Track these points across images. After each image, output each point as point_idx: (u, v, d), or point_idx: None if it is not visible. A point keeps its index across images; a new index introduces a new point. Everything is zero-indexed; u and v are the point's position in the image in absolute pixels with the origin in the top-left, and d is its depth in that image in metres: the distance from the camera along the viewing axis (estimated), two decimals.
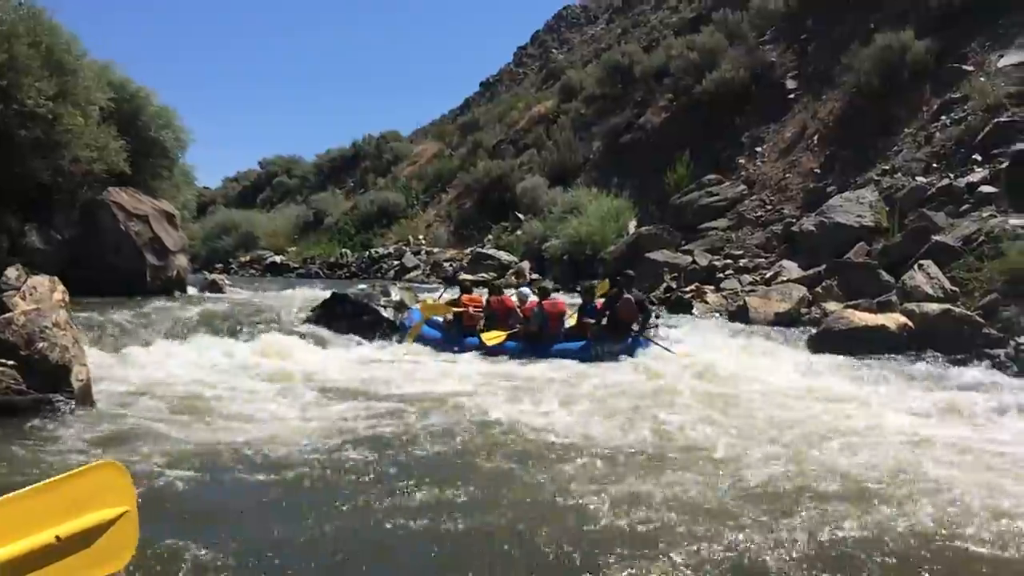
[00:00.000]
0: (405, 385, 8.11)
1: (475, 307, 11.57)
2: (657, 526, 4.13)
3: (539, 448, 5.68)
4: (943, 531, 4.11)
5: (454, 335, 11.28)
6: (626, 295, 10.98)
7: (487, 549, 3.87)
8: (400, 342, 11.22)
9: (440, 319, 11.81)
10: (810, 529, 4.10)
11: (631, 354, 10.37)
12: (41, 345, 6.09)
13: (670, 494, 4.59)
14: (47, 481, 2.02)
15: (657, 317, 12.19)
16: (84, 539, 2.01)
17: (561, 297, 12.91)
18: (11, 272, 12.53)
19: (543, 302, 11.15)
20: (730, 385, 8.27)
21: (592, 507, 4.38)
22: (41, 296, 10.38)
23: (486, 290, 12.22)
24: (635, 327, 10.87)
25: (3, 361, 5.93)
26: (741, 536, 4.00)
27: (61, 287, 11.04)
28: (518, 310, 11.41)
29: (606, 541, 3.92)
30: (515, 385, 8.23)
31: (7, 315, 6.36)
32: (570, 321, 11.36)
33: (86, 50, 15.02)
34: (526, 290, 12.16)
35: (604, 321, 10.94)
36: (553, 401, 7.29)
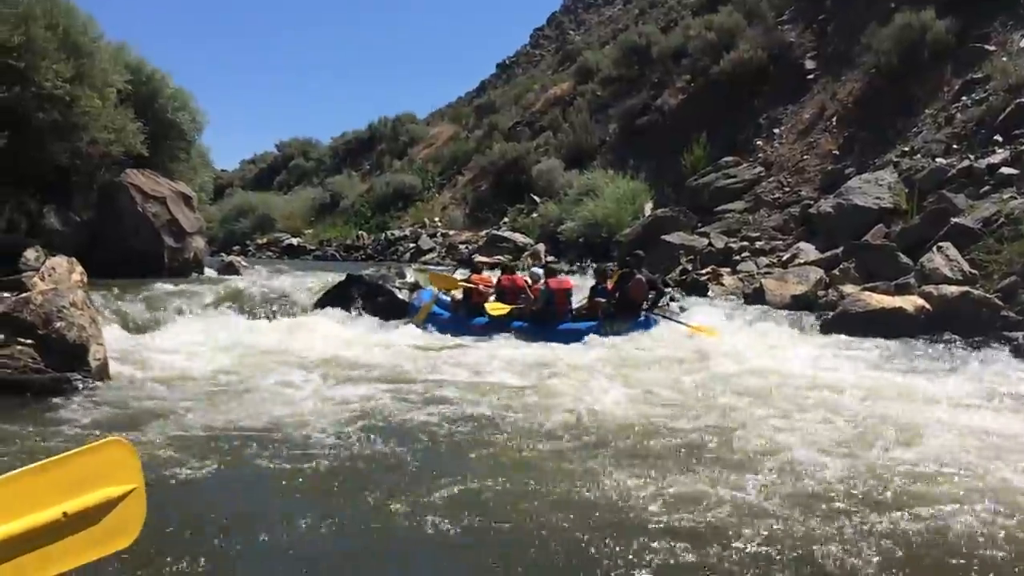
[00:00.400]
0: (416, 367, 8.10)
1: (485, 286, 11.56)
2: (695, 518, 3.96)
3: (557, 433, 5.58)
4: (1004, 528, 3.93)
5: (463, 314, 11.27)
6: (637, 275, 10.97)
7: (513, 539, 3.75)
8: (409, 323, 11.22)
9: (448, 299, 11.82)
10: (868, 526, 3.92)
11: (642, 332, 10.36)
12: (59, 325, 6.15)
13: (706, 487, 4.40)
14: (54, 458, 2.03)
15: (671, 300, 12.16)
16: (92, 516, 2.03)
17: (574, 280, 12.86)
18: (30, 253, 12.68)
19: (549, 280, 11.10)
20: (743, 364, 8.20)
21: (624, 497, 4.24)
22: (59, 277, 10.50)
23: (499, 271, 12.20)
24: (645, 306, 10.90)
25: (21, 340, 6.00)
26: (794, 530, 3.85)
27: (79, 268, 11.19)
28: (528, 289, 11.38)
29: (643, 533, 3.78)
30: (525, 366, 8.20)
31: (25, 295, 6.44)
32: (581, 302, 11.35)
33: (102, 32, 15.10)
34: (538, 271, 12.11)
35: (614, 301, 10.94)
36: (567, 382, 7.24)
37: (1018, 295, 10.62)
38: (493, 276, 12.22)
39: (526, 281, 11.54)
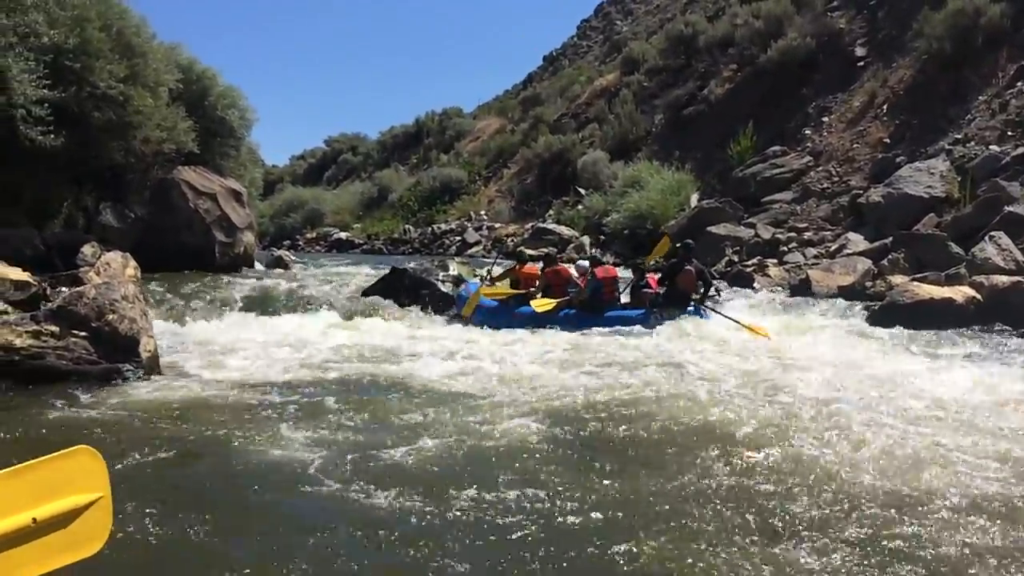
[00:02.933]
0: (464, 360, 8.10)
1: (532, 278, 11.57)
2: (768, 523, 3.81)
3: (615, 430, 5.40)
4: None
5: (510, 305, 11.27)
6: (687, 266, 10.85)
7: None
8: (457, 315, 11.28)
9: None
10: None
11: (691, 323, 10.16)
12: (111, 317, 6.36)
13: (777, 487, 4.25)
14: (22, 465, 2.07)
15: (718, 292, 12.02)
16: (60, 522, 2.06)
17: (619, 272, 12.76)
18: (87, 249, 13.07)
19: (595, 269, 11.02)
20: (797, 361, 7.95)
21: (685, 501, 4.09)
22: (114, 271, 10.83)
23: (541, 263, 12.20)
24: (695, 297, 10.74)
25: (75, 332, 6.22)
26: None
27: (133, 263, 11.52)
28: (576, 280, 11.29)
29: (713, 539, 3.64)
30: (580, 357, 8.12)
31: (79, 289, 6.67)
32: (624, 298, 11.27)
33: (155, 32, 15.46)
34: (584, 263, 12.08)
35: (662, 290, 10.82)
36: (619, 374, 7.13)
37: None
38: (537, 265, 12.21)
39: (571, 273, 11.53)
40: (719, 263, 16.64)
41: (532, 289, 11.34)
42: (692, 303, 10.68)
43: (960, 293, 10.71)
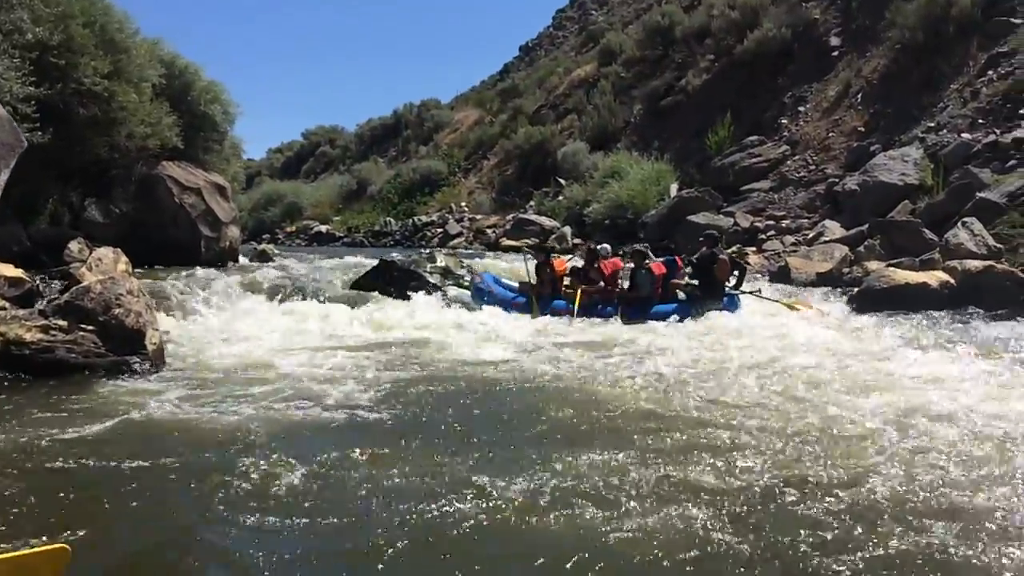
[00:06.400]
0: (480, 346, 8.34)
1: (561, 271, 11.57)
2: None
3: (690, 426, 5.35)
4: None
5: (547, 296, 11.27)
6: (721, 255, 11.03)
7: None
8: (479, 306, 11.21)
9: (511, 283, 11.98)
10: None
11: (731, 312, 10.42)
12: (117, 311, 6.52)
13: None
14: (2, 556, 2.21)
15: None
16: None
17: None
18: (73, 246, 13.10)
19: (651, 264, 11.08)
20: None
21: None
22: (106, 267, 10.88)
23: (578, 258, 12.07)
24: (729, 285, 10.91)
25: (83, 326, 6.37)
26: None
27: (124, 258, 11.55)
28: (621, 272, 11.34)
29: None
30: (646, 351, 8.22)
31: (85, 284, 6.80)
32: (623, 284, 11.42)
33: (138, 28, 15.45)
34: (607, 246, 12.19)
35: (696, 282, 10.99)
36: (677, 369, 7.19)
37: None
38: (563, 259, 12.28)
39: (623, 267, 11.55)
40: (699, 251, 16.93)
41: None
42: (727, 292, 10.84)
43: (934, 278, 11.08)
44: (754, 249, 16.32)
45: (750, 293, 11.03)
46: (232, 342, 8.11)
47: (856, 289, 11.78)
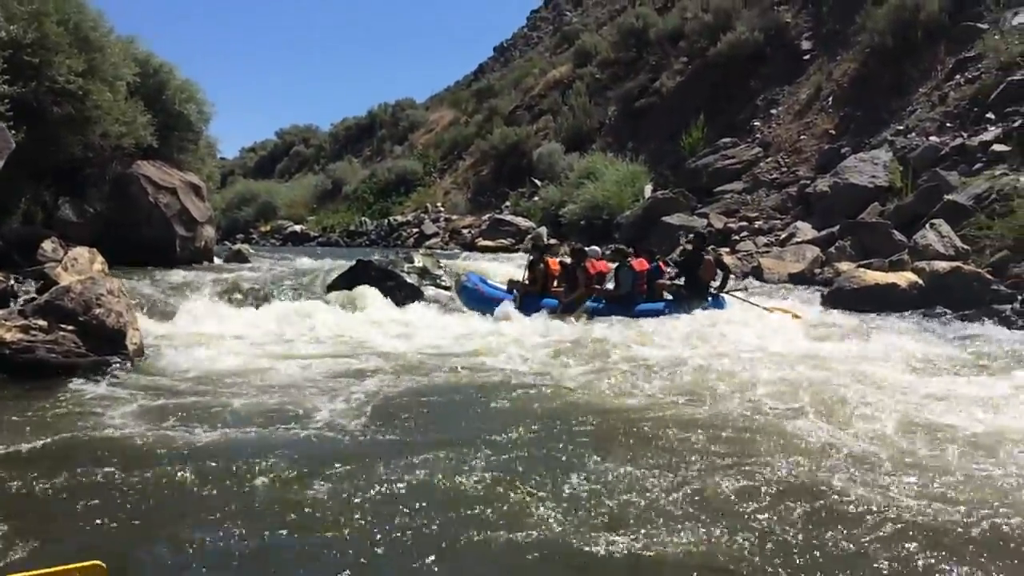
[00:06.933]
0: (461, 349, 8.38)
1: (554, 271, 11.60)
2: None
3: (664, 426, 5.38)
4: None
5: (535, 295, 11.27)
6: (706, 256, 11.15)
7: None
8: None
9: (498, 284, 12.03)
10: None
11: (715, 312, 10.47)
12: (98, 311, 6.52)
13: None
14: (40, 572, 2.26)
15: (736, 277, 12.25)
16: None
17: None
18: (47, 245, 12.99)
19: (632, 262, 11.10)
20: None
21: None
22: (82, 267, 10.84)
23: (566, 257, 12.09)
24: (714, 286, 11.01)
25: (63, 326, 6.36)
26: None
27: (100, 258, 11.51)
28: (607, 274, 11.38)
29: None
30: (627, 349, 8.29)
31: (65, 284, 6.79)
32: (608, 285, 11.47)
33: (112, 26, 15.35)
34: (596, 248, 12.26)
35: (681, 281, 11.09)
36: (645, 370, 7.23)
37: (1008, 269, 11.00)
38: (556, 259, 12.33)
39: (609, 267, 11.58)
40: (674, 252, 17.13)
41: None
42: (712, 292, 10.92)
43: (903, 278, 11.31)
44: (727, 250, 16.51)
45: (735, 296, 11.10)
46: (210, 342, 8.11)
47: (827, 289, 12.00)
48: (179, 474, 4.36)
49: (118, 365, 6.51)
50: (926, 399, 6.03)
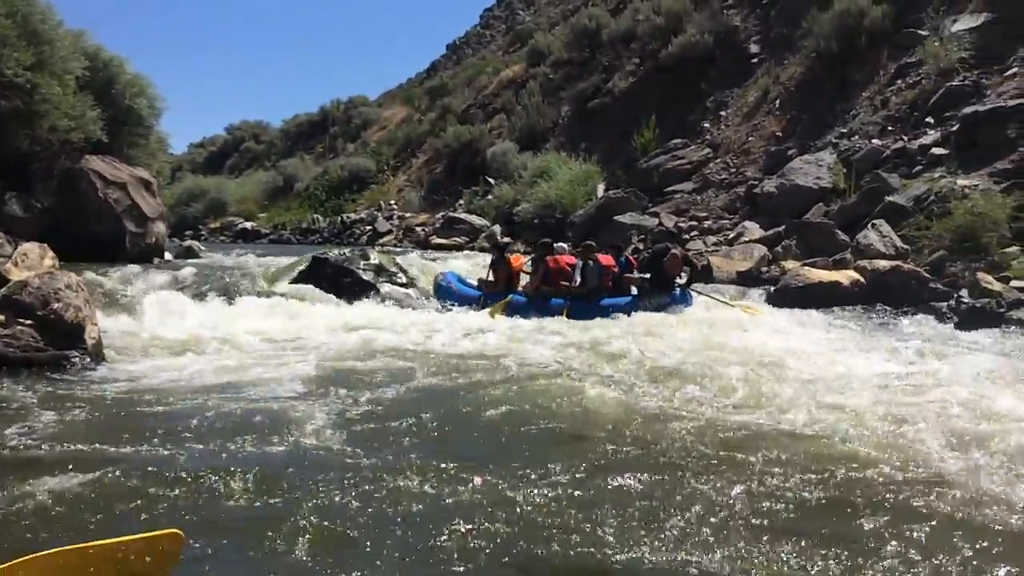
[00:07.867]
0: (431, 343, 8.45)
1: (519, 268, 11.72)
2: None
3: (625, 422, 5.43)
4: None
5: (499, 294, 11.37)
6: (672, 250, 11.27)
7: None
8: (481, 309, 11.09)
9: (475, 282, 12.14)
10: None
11: (683, 306, 10.67)
12: (56, 306, 6.50)
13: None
14: (111, 541, 2.32)
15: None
16: None
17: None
18: None
19: (599, 257, 11.17)
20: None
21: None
22: (32, 263, 10.70)
23: (533, 253, 12.14)
24: (679, 281, 11.14)
25: (21, 321, 6.34)
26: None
27: (51, 253, 11.37)
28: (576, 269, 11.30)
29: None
30: (590, 346, 8.33)
31: (23, 279, 6.76)
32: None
33: (61, 19, 15.18)
34: (564, 245, 12.39)
35: (647, 275, 11.15)
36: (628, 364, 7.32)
37: (945, 268, 11.46)
38: (519, 255, 12.42)
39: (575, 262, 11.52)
40: (626, 251, 17.39)
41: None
42: (677, 287, 11.03)
43: (846, 276, 11.73)
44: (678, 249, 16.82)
45: (700, 292, 11.33)
46: (170, 339, 8.11)
47: (774, 287, 12.37)
48: (137, 465, 4.38)
49: (77, 359, 6.50)
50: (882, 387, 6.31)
